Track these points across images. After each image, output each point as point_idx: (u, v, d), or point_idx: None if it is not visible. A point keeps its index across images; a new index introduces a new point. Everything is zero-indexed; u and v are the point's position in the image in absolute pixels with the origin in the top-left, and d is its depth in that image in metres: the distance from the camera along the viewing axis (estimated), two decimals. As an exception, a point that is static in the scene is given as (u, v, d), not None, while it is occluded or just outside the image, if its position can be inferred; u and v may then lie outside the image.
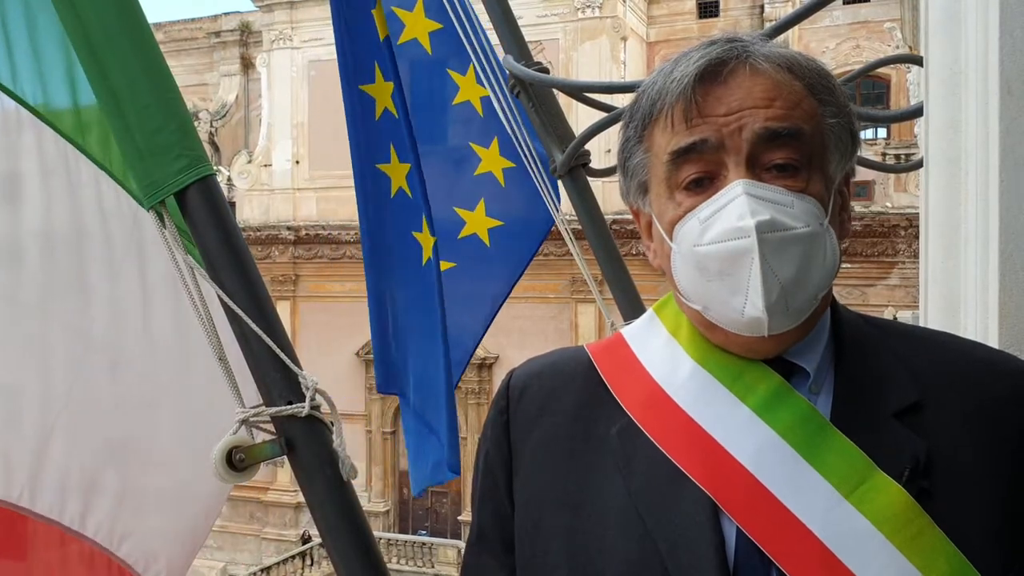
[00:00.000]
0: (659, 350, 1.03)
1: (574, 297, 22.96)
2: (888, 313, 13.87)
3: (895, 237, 20.67)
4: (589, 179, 2.68)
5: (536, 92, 2.63)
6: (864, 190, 20.82)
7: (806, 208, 0.90)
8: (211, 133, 28.12)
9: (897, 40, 19.84)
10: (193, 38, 29.60)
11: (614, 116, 2.22)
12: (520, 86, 2.63)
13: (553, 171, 2.68)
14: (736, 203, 0.89)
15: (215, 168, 1.48)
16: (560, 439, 1.02)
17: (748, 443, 0.93)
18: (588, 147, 2.60)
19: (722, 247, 0.89)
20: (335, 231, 25.11)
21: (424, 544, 22.99)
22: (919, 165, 2.09)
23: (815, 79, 0.94)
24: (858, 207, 19.96)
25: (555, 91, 2.63)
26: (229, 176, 26.35)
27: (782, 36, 1.73)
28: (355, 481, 1.45)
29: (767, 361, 0.96)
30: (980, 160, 1.35)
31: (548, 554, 0.98)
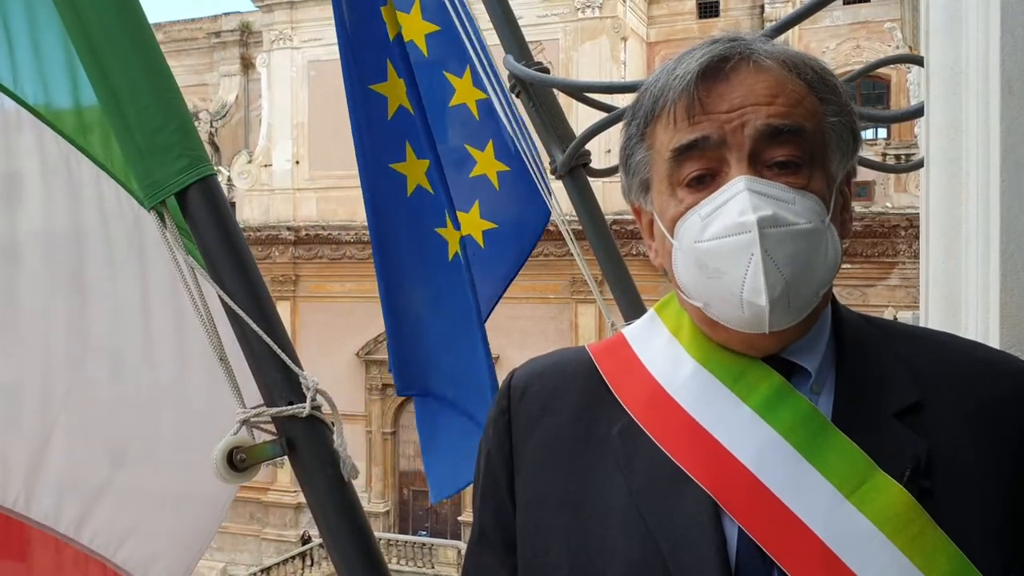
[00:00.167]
0: (660, 350, 1.03)
1: (574, 297, 22.95)
2: (888, 313, 13.87)
3: (895, 237, 20.67)
4: (589, 179, 2.68)
5: (536, 92, 2.64)
6: (864, 190, 20.81)
7: (808, 205, 0.90)
8: (211, 133, 28.12)
9: (897, 40, 19.83)
10: (193, 38, 29.60)
11: (614, 116, 2.22)
12: (520, 86, 2.63)
13: (553, 171, 2.68)
14: (738, 199, 0.89)
15: (215, 168, 1.48)
16: (561, 439, 1.02)
17: (749, 443, 0.93)
18: (588, 147, 2.60)
19: (724, 242, 0.89)
20: (335, 231, 25.10)
21: (424, 544, 22.99)
22: (919, 165, 2.09)
23: (817, 77, 0.94)
24: (858, 207, 19.96)
25: (555, 91, 2.63)
26: (229, 176, 26.34)
27: (782, 36, 1.73)
28: (355, 481, 1.44)
29: (768, 361, 0.96)
30: (981, 160, 1.35)
31: (549, 554, 0.98)
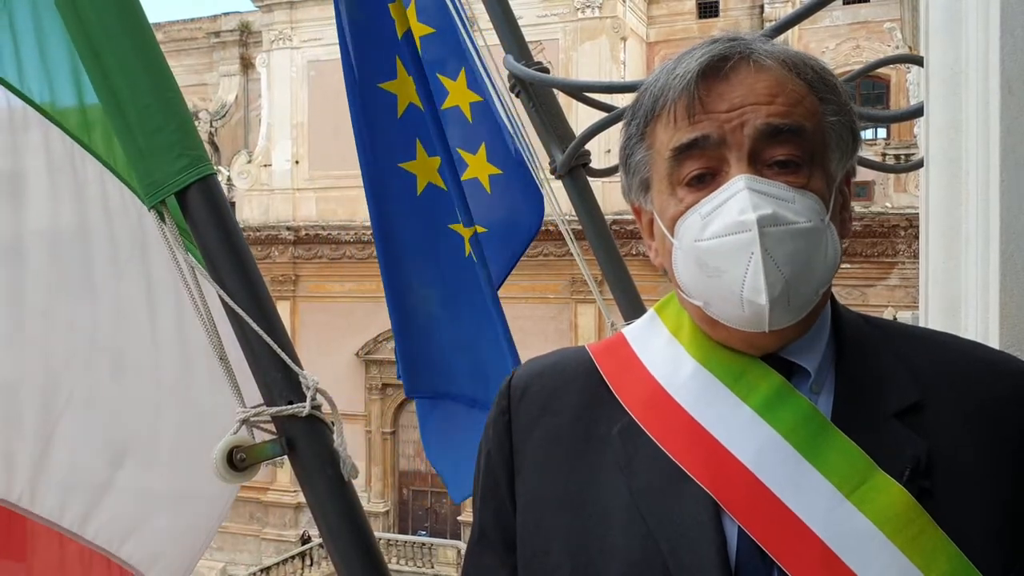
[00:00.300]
0: (660, 350, 1.03)
1: (574, 297, 22.95)
2: (888, 313, 13.87)
3: (895, 237, 20.66)
4: (589, 179, 2.68)
5: (536, 92, 2.64)
6: (864, 190, 20.81)
7: (807, 204, 0.90)
8: (211, 133, 28.11)
9: (897, 40, 19.83)
10: (193, 38, 29.58)
11: (614, 116, 2.22)
12: (520, 86, 2.63)
13: (553, 171, 2.68)
14: (738, 198, 0.89)
15: (215, 168, 1.48)
16: (562, 439, 1.02)
17: (749, 443, 0.93)
18: (588, 147, 2.60)
19: (724, 241, 0.89)
20: (335, 231, 25.09)
21: (424, 544, 22.98)
22: (919, 165, 2.09)
23: (817, 77, 0.95)
24: (858, 207, 19.95)
25: (555, 91, 2.63)
26: (229, 176, 26.33)
27: (782, 36, 1.73)
28: (355, 481, 1.44)
29: (768, 361, 0.96)
30: (981, 160, 1.35)
31: (549, 554, 0.98)
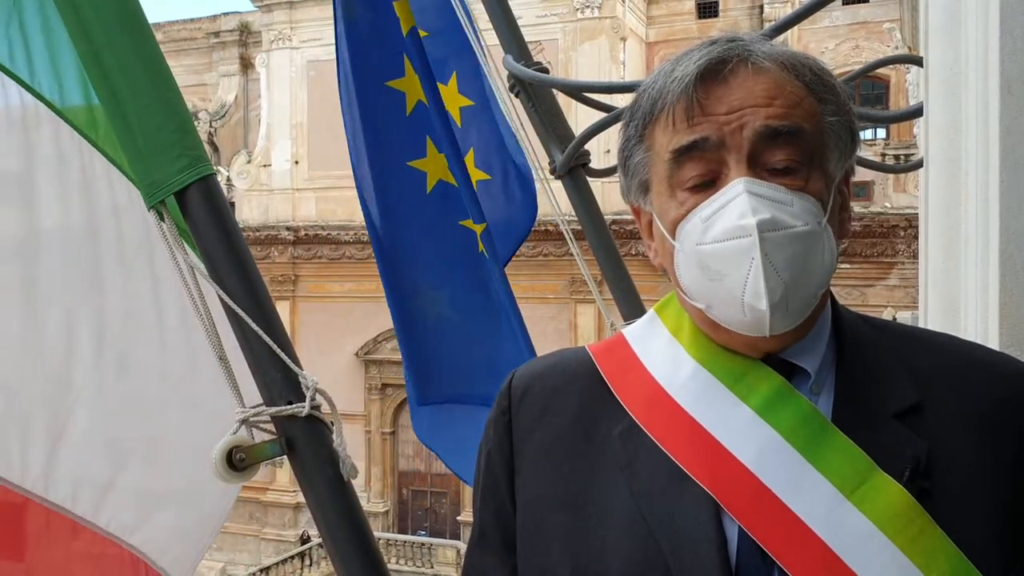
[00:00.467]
0: (661, 351, 1.03)
1: (573, 297, 22.95)
2: (887, 314, 13.87)
3: (894, 238, 20.66)
4: (589, 179, 2.68)
5: (536, 92, 2.64)
6: (863, 190, 20.81)
7: (805, 207, 0.90)
8: (210, 133, 28.10)
9: (896, 41, 19.83)
10: (192, 38, 29.57)
11: (614, 116, 2.22)
12: (520, 86, 2.63)
13: (553, 171, 2.68)
14: (737, 201, 0.89)
15: (214, 168, 1.48)
16: (562, 439, 1.02)
17: (750, 443, 0.93)
18: (588, 147, 2.60)
19: (724, 246, 0.89)
20: (334, 231, 25.08)
21: (423, 544, 22.97)
22: (919, 165, 2.09)
23: (815, 78, 0.94)
24: (857, 207, 19.95)
25: (555, 91, 2.63)
26: (228, 176, 26.32)
27: (781, 37, 1.73)
28: (354, 481, 1.44)
29: (768, 362, 0.96)
30: (980, 160, 1.35)
31: (550, 554, 0.98)
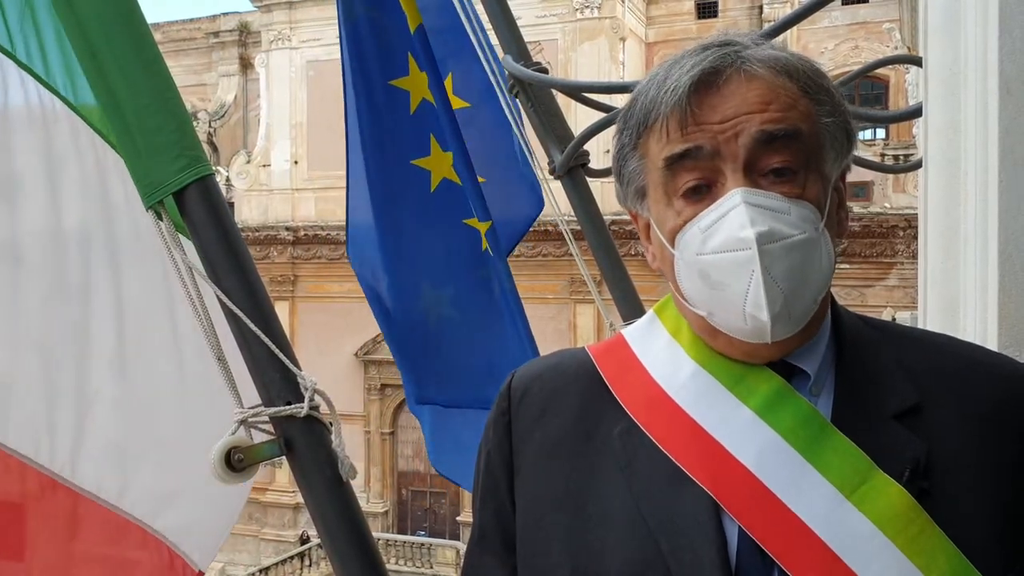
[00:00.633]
0: (660, 351, 1.03)
1: (573, 298, 22.94)
2: (887, 314, 13.87)
3: (894, 238, 20.67)
4: (588, 179, 2.68)
5: (535, 92, 2.63)
6: (862, 191, 20.82)
7: (802, 214, 0.90)
8: (210, 133, 28.10)
9: (896, 41, 19.84)
10: (192, 38, 29.58)
11: (613, 116, 2.22)
12: (519, 86, 2.63)
13: (552, 171, 2.68)
14: (735, 212, 0.89)
15: (213, 168, 1.48)
16: (562, 440, 1.02)
17: (750, 444, 0.93)
18: (587, 147, 2.60)
19: (724, 257, 0.90)
20: (334, 231, 25.04)
21: (423, 545, 22.98)
22: (918, 166, 2.09)
23: (809, 80, 0.94)
24: (857, 208, 19.96)
25: (554, 91, 2.63)
26: (228, 176, 26.32)
27: (780, 37, 1.73)
28: (353, 481, 1.44)
29: (768, 363, 0.96)
30: (979, 160, 1.35)
31: (550, 554, 0.98)
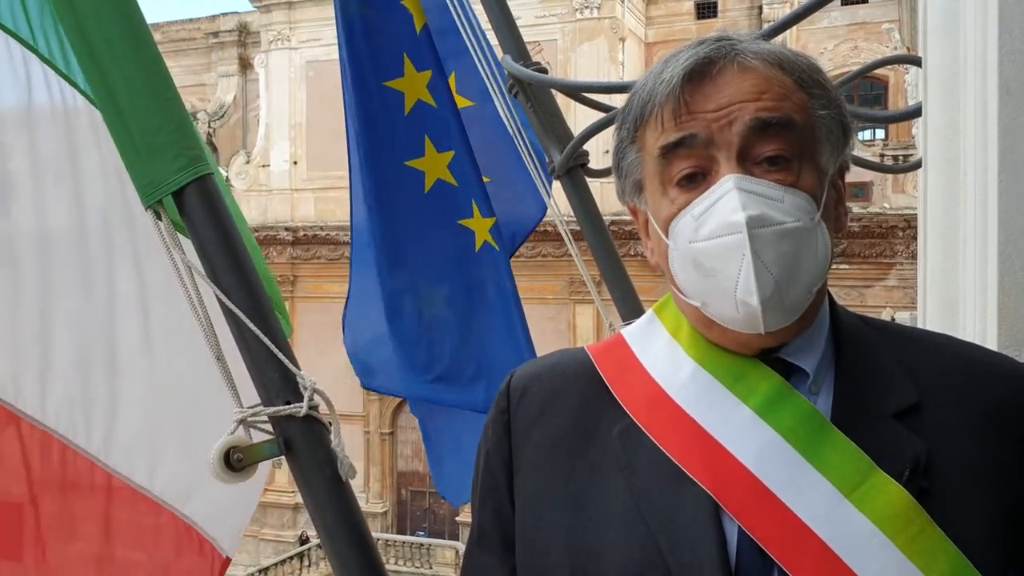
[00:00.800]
0: (660, 351, 1.03)
1: (572, 298, 22.93)
2: (886, 314, 13.88)
3: (893, 238, 20.67)
4: (588, 179, 2.68)
5: (535, 92, 2.63)
6: (862, 191, 20.82)
7: (796, 203, 0.91)
8: (209, 134, 28.09)
9: (895, 41, 19.85)
10: (191, 38, 29.56)
11: (612, 116, 2.22)
12: (519, 86, 2.63)
13: (551, 171, 2.68)
14: (727, 198, 0.90)
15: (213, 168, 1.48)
16: (561, 439, 1.02)
17: (750, 444, 0.93)
18: (586, 147, 2.60)
19: (716, 243, 0.90)
20: (333, 231, 25.03)
21: (422, 545, 22.97)
22: (917, 166, 2.09)
23: (804, 73, 0.95)
24: (856, 208, 19.96)
25: (553, 92, 2.63)
26: (227, 177, 26.31)
27: (780, 37, 1.73)
28: (353, 482, 1.44)
29: (767, 362, 0.96)
30: (979, 160, 1.35)
31: (549, 554, 0.98)
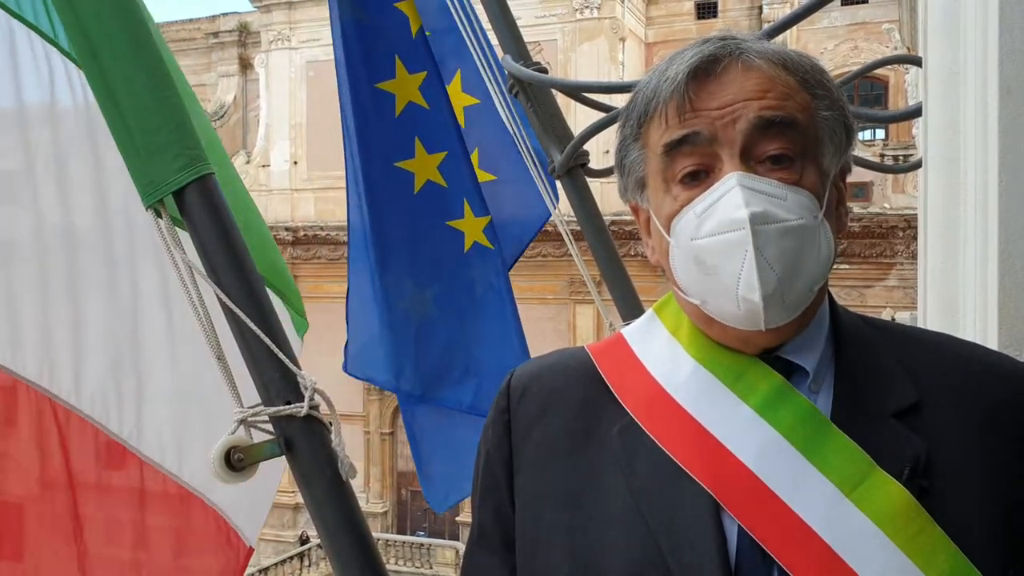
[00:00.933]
0: (660, 350, 1.03)
1: (572, 298, 22.94)
2: (886, 314, 13.88)
3: (893, 238, 20.66)
4: (588, 179, 2.68)
5: (535, 92, 2.63)
6: (862, 191, 20.81)
7: (799, 201, 0.91)
8: (209, 133, 28.08)
9: (895, 41, 19.86)
10: (191, 39, 29.56)
11: (613, 116, 2.22)
12: (519, 86, 2.63)
13: (552, 171, 2.68)
14: (730, 195, 0.90)
15: (213, 168, 1.48)
16: (561, 438, 1.02)
17: (750, 442, 0.93)
18: (587, 147, 2.60)
19: (718, 239, 0.90)
20: (333, 231, 25.03)
21: (422, 545, 22.97)
22: (917, 166, 2.10)
23: (808, 73, 0.95)
24: (856, 208, 19.95)
25: (554, 92, 2.63)
26: (227, 176, 26.29)
27: (780, 37, 1.73)
28: (353, 482, 1.44)
29: (767, 360, 0.96)
30: (979, 160, 1.35)
31: (549, 553, 0.98)
